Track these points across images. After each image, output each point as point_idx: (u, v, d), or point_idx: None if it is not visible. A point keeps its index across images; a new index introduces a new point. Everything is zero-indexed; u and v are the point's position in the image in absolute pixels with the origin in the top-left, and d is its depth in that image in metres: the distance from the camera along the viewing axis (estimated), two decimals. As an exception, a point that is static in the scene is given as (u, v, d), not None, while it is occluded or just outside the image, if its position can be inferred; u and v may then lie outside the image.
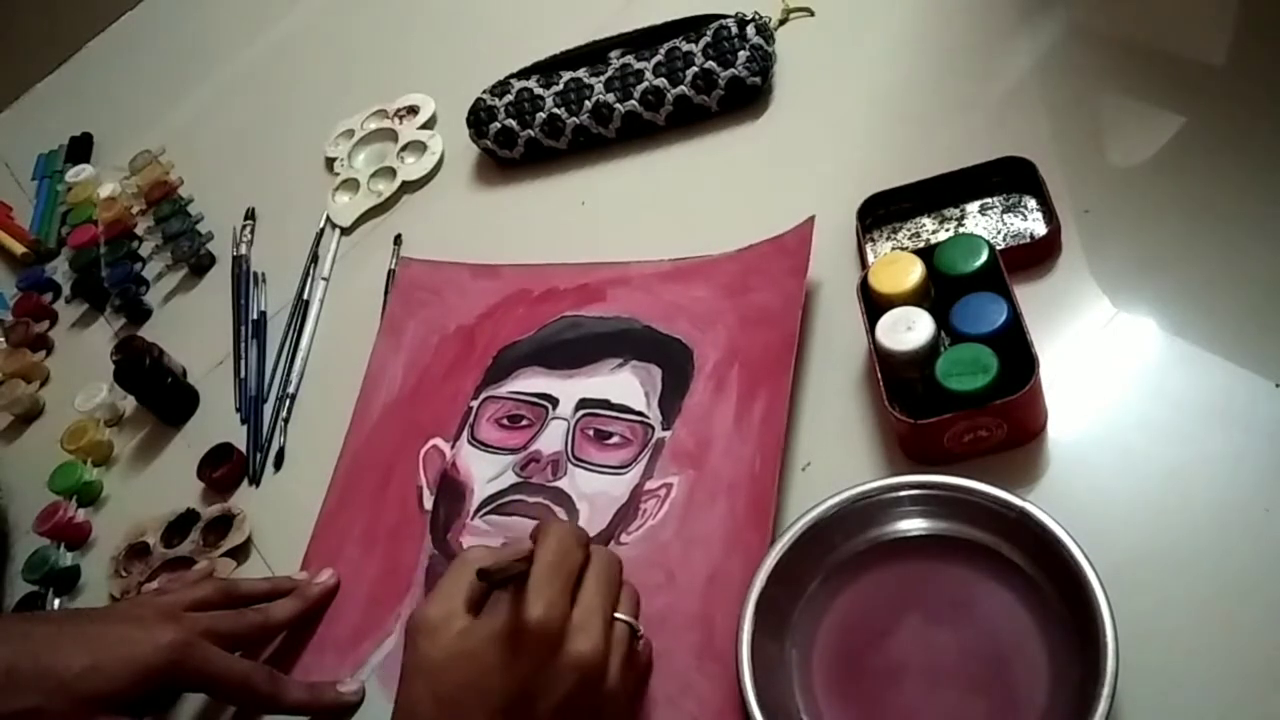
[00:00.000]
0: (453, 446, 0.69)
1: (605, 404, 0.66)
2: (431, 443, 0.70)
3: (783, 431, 0.60)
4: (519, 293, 0.75)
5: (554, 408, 0.67)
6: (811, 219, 0.67)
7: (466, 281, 0.78)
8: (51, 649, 0.54)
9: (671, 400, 0.65)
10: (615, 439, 0.65)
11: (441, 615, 0.49)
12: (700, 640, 0.55)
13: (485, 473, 0.67)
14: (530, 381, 0.70)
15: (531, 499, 0.64)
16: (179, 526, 0.73)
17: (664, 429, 0.64)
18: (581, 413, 0.67)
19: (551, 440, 0.66)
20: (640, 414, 0.65)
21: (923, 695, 0.50)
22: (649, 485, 0.62)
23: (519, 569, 0.49)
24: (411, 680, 0.49)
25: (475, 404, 0.70)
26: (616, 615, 0.50)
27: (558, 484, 0.64)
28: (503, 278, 0.77)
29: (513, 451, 0.67)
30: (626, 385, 0.67)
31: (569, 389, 0.68)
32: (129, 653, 0.54)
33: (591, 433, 0.66)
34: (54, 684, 0.53)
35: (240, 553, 0.71)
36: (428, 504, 0.67)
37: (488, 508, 0.65)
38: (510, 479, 0.66)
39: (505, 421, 0.68)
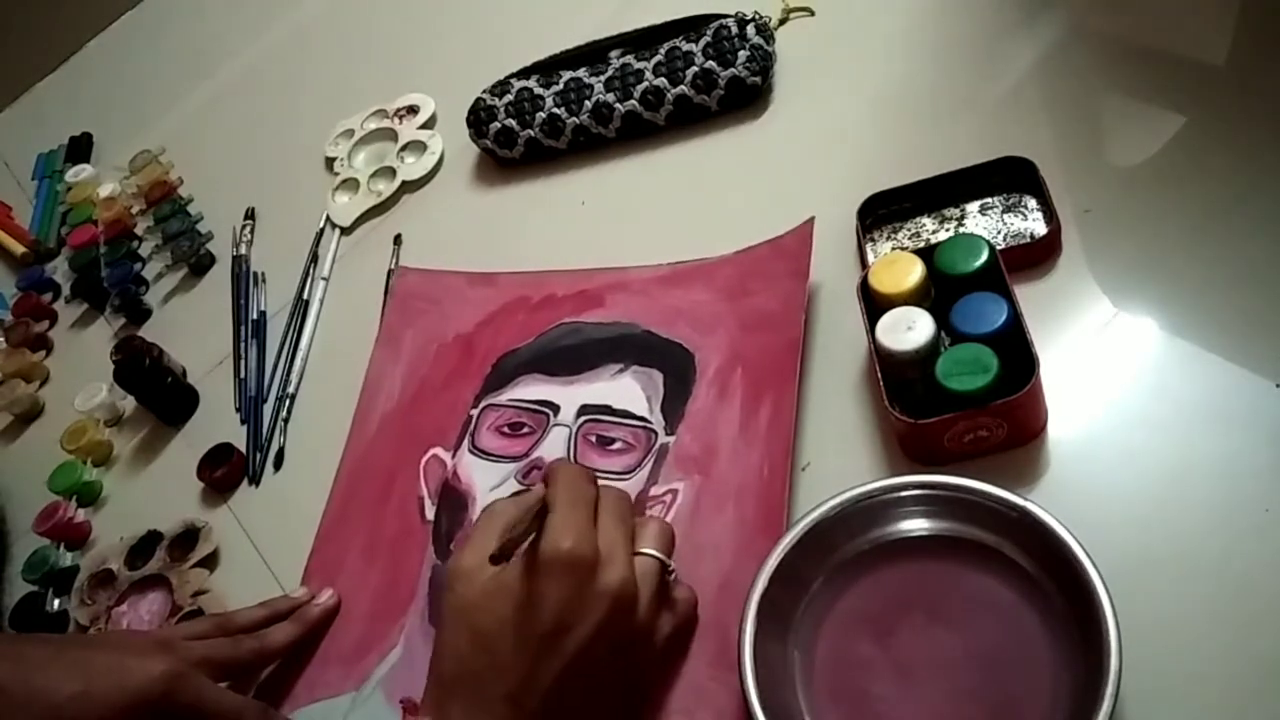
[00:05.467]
0: (453, 456, 0.68)
1: (607, 409, 0.66)
2: (432, 452, 0.69)
3: (791, 438, 0.59)
4: (517, 300, 0.75)
5: (555, 414, 0.67)
6: (811, 220, 0.67)
7: (464, 290, 0.77)
8: (43, 673, 0.53)
9: (674, 405, 0.65)
10: (618, 444, 0.64)
11: (476, 562, 0.51)
12: (714, 649, 0.54)
13: (487, 481, 0.66)
14: (531, 389, 0.69)
15: None
16: (142, 548, 0.73)
17: (667, 434, 0.64)
18: (583, 419, 0.66)
19: (553, 447, 0.66)
20: (642, 419, 0.65)
21: (926, 695, 0.50)
22: (654, 491, 0.62)
23: (535, 526, 0.50)
24: (450, 623, 0.52)
25: (475, 412, 0.70)
26: (641, 550, 0.52)
27: None
28: (500, 285, 0.76)
29: (514, 459, 0.66)
30: (628, 390, 0.66)
31: (570, 395, 0.67)
32: (121, 681, 0.53)
33: (594, 439, 0.65)
34: (43, 707, 0.52)
35: (210, 562, 0.71)
36: (429, 514, 0.67)
37: None
38: (513, 487, 0.65)
39: (506, 429, 0.68)
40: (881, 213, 0.67)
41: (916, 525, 0.54)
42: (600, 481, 0.54)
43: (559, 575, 0.49)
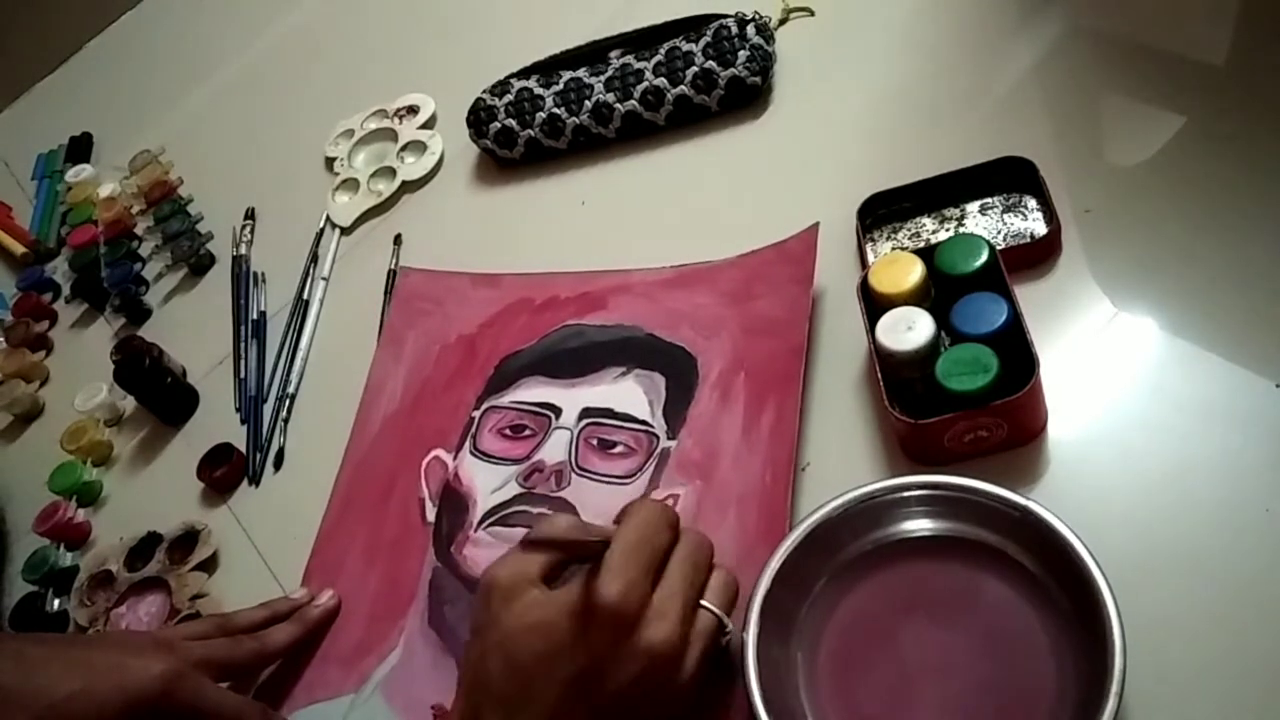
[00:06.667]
0: (455, 457, 0.68)
1: (609, 413, 0.66)
2: (433, 454, 0.69)
3: (794, 445, 0.59)
4: (520, 301, 0.75)
5: (557, 417, 0.67)
6: (816, 225, 0.66)
7: (467, 291, 0.77)
8: (43, 671, 0.54)
9: (676, 409, 0.64)
10: (619, 448, 0.64)
11: (512, 579, 0.49)
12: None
13: (488, 484, 0.66)
14: (533, 391, 0.69)
15: (535, 510, 0.63)
16: (141, 550, 0.72)
17: (669, 438, 0.63)
18: (585, 422, 0.66)
19: (555, 450, 0.65)
20: (644, 423, 0.65)
21: (929, 696, 0.50)
22: (655, 495, 0.61)
23: (597, 549, 0.48)
24: (481, 642, 0.49)
25: (477, 414, 0.70)
26: (703, 604, 0.49)
27: (561, 494, 0.63)
28: (503, 286, 0.76)
29: (515, 462, 0.66)
30: (630, 394, 0.66)
31: (572, 398, 0.67)
32: (120, 680, 0.53)
33: (595, 442, 0.65)
34: (42, 706, 0.52)
35: (210, 565, 0.71)
36: (430, 516, 0.66)
37: (491, 519, 0.64)
38: (513, 490, 0.65)
39: (508, 431, 0.68)
40: (881, 213, 0.67)
41: (919, 526, 0.54)
42: (683, 526, 0.51)
43: (599, 624, 0.47)
